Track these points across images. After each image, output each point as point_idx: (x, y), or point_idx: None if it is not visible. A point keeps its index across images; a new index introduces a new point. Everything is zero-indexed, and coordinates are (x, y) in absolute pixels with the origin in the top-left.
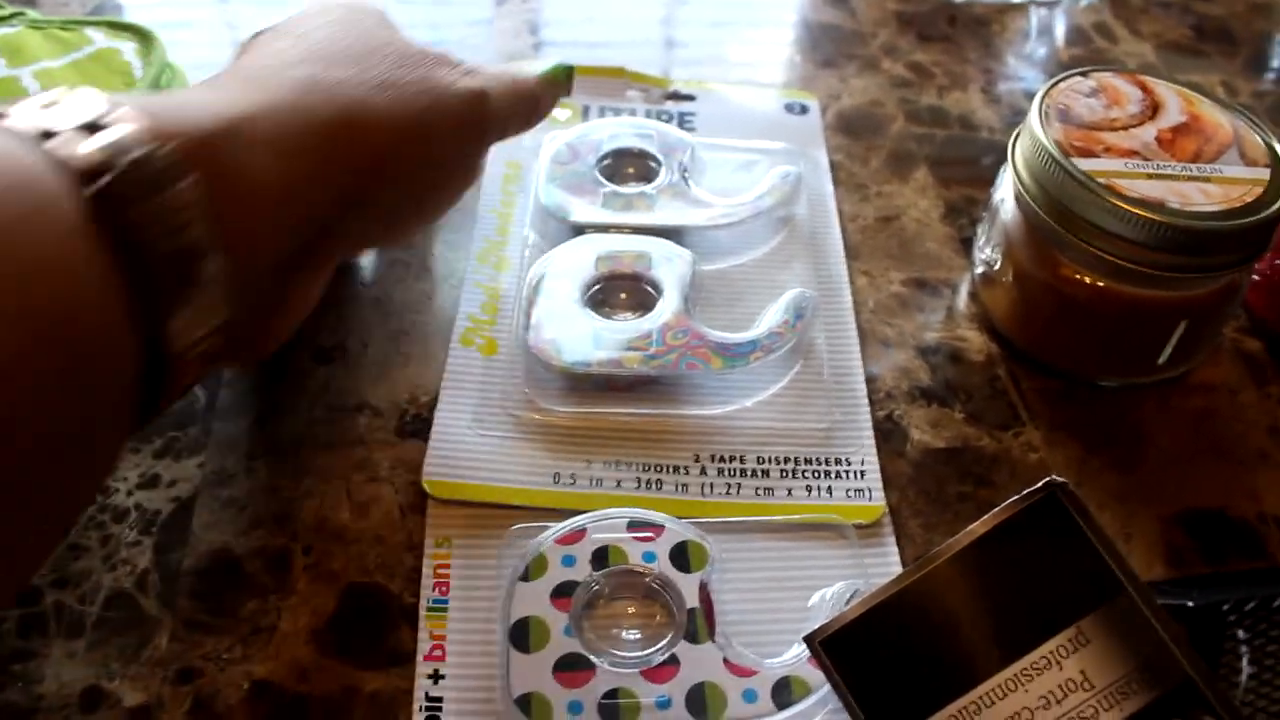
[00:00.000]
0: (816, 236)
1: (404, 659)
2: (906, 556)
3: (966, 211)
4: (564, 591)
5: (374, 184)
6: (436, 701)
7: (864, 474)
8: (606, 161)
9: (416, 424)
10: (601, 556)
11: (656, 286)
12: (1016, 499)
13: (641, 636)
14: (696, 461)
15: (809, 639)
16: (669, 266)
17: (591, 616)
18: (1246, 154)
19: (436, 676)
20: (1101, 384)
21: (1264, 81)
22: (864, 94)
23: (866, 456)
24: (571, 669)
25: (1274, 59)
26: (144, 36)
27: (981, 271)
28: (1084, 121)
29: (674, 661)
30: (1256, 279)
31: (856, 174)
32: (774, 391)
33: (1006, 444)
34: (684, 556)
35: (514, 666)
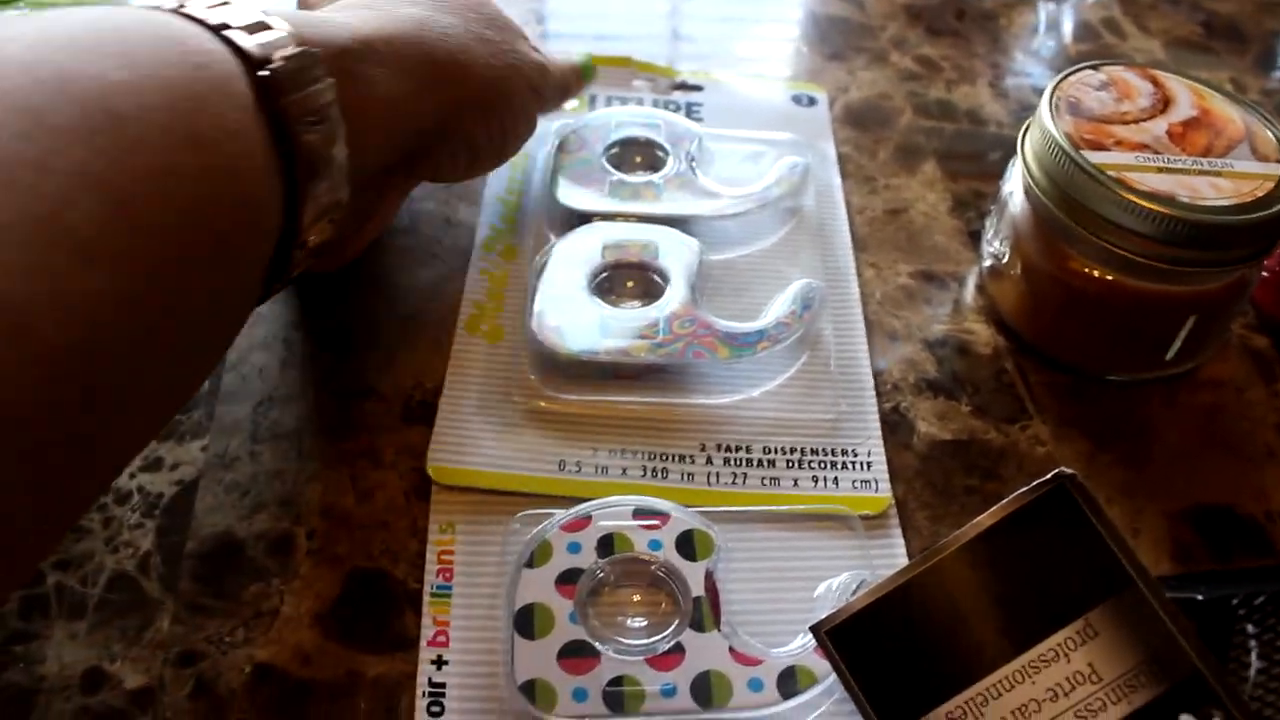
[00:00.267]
0: (824, 228)
1: (407, 644)
2: (913, 549)
3: (974, 205)
4: (569, 578)
5: (466, 120)
6: (439, 687)
7: (870, 465)
8: (614, 150)
9: (421, 410)
10: (607, 544)
11: (663, 275)
12: (1025, 490)
13: (647, 624)
14: (702, 451)
15: (815, 629)
16: (676, 255)
17: (596, 604)
18: (1258, 149)
19: (440, 662)
20: (1109, 378)
21: (1273, 79)
22: (872, 87)
23: (873, 448)
24: (576, 656)
25: None
26: None
27: (989, 264)
28: (1094, 115)
29: (679, 650)
30: (1265, 275)
31: (864, 166)
32: (780, 382)
33: (1013, 437)
34: (690, 545)
35: (518, 653)
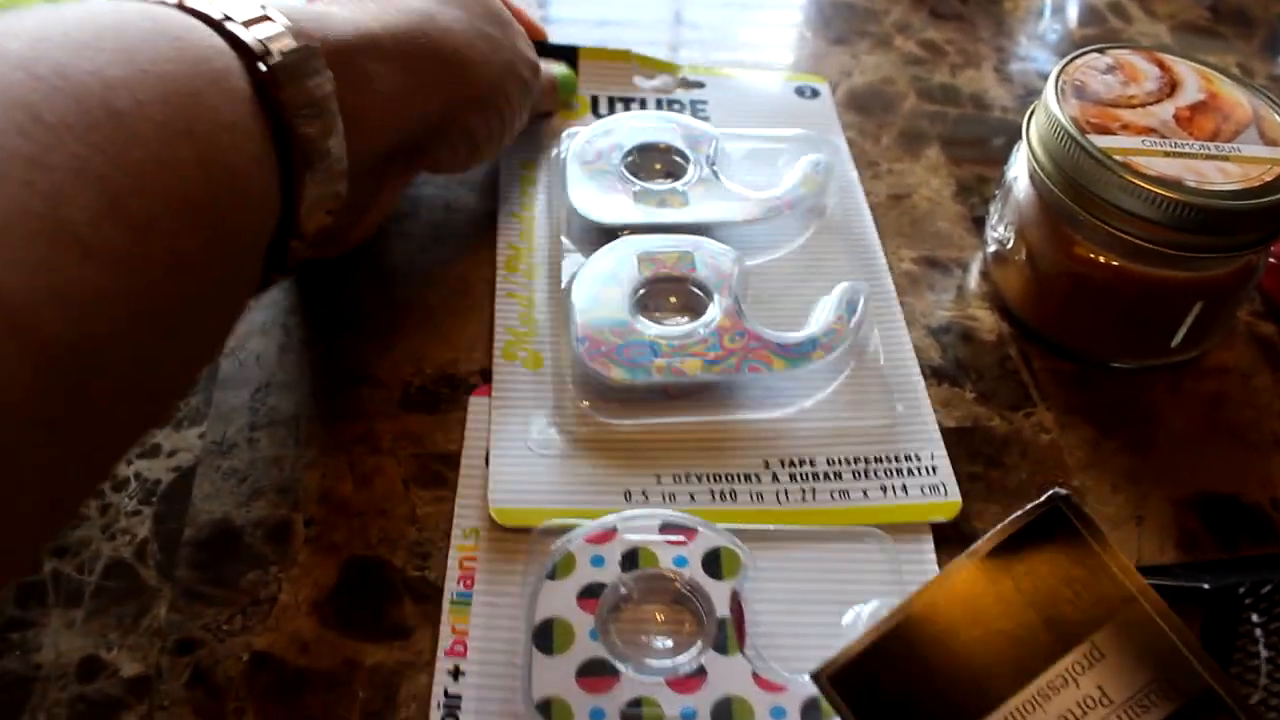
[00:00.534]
0: (850, 225)
1: (405, 632)
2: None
3: (978, 190)
4: (591, 592)
5: (465, 113)
6: (455, 699)
7: (935, 469)
8: (631, 158)
9: (420, 396)
10: (631, 558)
11: (703, 288)
12: (1020, 514)
13: (669, 645)
14: (766, 468)
15: (816, 675)
16: (713, 266)
17: (618, 620)
18: (1266, 133)
19: (457, 673)
20: (1114, 365)
21: None
22: (876, 71)
23: (935, 451)
24: (596, 675)
25: None
26: None
27: (994, 250)
28: (1100, 98)
29: (701, 673)
30: (1272, 261)
31: (868, 151)
32: (834, 389)
33: (1018, 425)
34: (716, 564)
35: (536, 669)
